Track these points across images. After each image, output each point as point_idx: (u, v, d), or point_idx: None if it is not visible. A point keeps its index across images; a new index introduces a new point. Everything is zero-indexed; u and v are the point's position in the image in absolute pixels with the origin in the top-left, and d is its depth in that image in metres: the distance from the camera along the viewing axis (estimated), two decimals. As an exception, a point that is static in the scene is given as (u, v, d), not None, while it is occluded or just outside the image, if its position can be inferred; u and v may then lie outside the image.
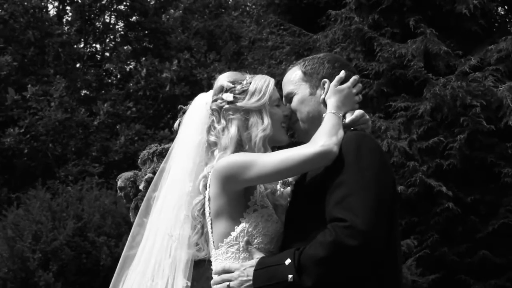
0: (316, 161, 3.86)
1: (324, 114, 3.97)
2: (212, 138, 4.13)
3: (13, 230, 12.87)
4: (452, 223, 13.24)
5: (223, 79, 4.20)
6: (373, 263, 3.63)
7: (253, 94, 4.09)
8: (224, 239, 3.96)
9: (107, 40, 26.27)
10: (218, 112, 4.12)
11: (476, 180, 13.53)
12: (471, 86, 13.17)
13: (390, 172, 3.92)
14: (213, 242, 4.03)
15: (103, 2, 25.00)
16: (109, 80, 25.61)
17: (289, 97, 4.15)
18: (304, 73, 4.14)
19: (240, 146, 4.07)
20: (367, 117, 4.12)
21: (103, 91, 24.36)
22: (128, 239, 4.45)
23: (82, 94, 24.04)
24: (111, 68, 25.72)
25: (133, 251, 4.40)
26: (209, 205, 4.03)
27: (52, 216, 12.93)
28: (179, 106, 4.71)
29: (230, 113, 4.09)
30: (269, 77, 4.21)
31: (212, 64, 23.80)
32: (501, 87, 13.29)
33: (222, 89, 4.13)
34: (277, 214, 4.09)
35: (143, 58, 24.23)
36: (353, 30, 14.00)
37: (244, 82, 4.14)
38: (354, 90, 4.09)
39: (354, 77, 4.09)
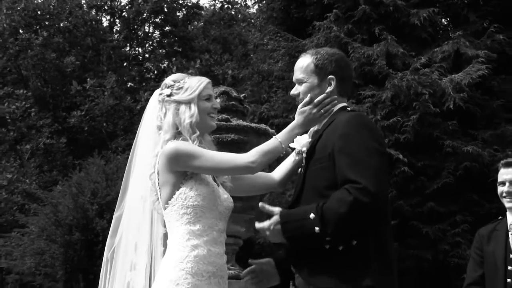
0: (240, 171, 3.97)
1: (273, 138, 3.96)
2: (158, 123, 4.13)
3: (76, 188, 12.89)
4: (407, 182, 13.24)
5: (168, 78, 4.22)
6: (379, 216, 3.61)
7: (186, 90, 4.07)
8: (169, 201, 3.93)
9: (147, 45, 26.20)
10: (162, 103, 4.12)
11: (425, 150, 13.51)
12: (421, 79, 13.14)
13: (384, 143, 3.87)
14: (162, 205, 4.01)
15: (144, 16, 24.92)
16: (148, 75, 25.56)
17: (300, 82, 4.08)
18: (316, 66, 3.98)
19: (176, 128, 4.06)
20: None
21: (143, 84, 24.33)
22: (117, 204, 4.47)
23: (128, 85, 24.00)
24: (150, 66, 25.68)
25: (118, 213, 4.40)
26: (157, 177, 4.00)
27: (105, 177, 12.96)
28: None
29: (167, 104, 4.09)
30: (204, 79, 4.20)
31: (225, 63, 23.75)
32: (444, 79, 13.26)
33: (165, 86, 4.14)
34: (224, 186, 4.12)
35: (174, 59, 24.20)
36: (333, 37, 13.96)
37: (182, 82, 4.13)
38: (315, 110, 3.97)
39: (318, 99, 3.96)
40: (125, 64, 24.83)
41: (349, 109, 3.94)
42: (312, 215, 3.61)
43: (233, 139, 7.38)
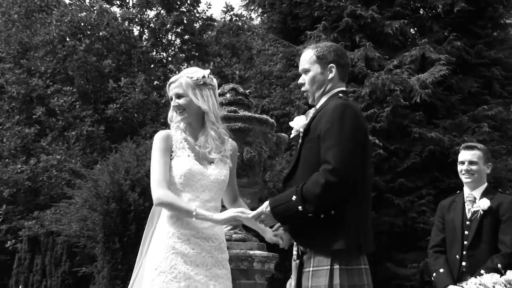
0: (151, 192, 3.83)
1: (193, 208, 3.79)
2: None
3: (112, 167, 12.85)
4: (382, 162, 13.23)
5: None
6: (347, 191, 3.60)
7: None
8: None
9: (170, 50, 26.14)
10: None
11: (396, 136, 13.51)
12: (394, 78, 13.13)
13: (363, 129, 3.76)
14: None
15: (167, 26, 24.86)
16: (171, 75, 25.46)
17: (305, 72, 4.00)
18: (317, 56, 3.87)
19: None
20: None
21: (167, 81, 24.29)
22: None
23: (155, 83, 23.95)
24: (172, 68, 25.64)
25: None
26: None
27: (136, 158, 12.91)
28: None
29: None
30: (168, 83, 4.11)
31: (234, 65, 23.71)
32: (412, 78, 13.24)
33: None
34: (223, 161, 4.00)
35: (192, 61, 24.18)
36: (321, 43, 13.92)
37: None
38: (234, 223, 3.95)
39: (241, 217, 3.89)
40: (152, 66, 24.80)
41: (340, 95, 3.88)
42: (294, 197, 3.59)
43: (240, 127, 7.37)
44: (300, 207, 3.58)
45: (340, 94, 3.87)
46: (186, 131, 4.01)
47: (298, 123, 3.93)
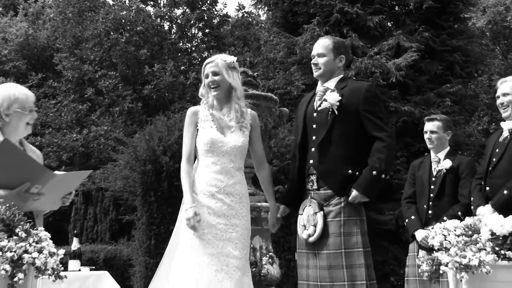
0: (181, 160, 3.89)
1: (188, 201, 3.81)
2: None
3: (148, 136, 12.84)
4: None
5: None
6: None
7: None
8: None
9: (193, 42, 25.99)
10: None
11: (376, 109, 13.43)
12: (374, 62, 13.01)
13: None
14: None
15: (191, 22, 24.74)
16: (195, 62, 25.42)
17: (321, 56, 3.97)
18: (334, 46, 3.93)
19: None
20: None
21: (191, 67, 24.25)
22: None
23: (181, 68, 23.88)
24: (196, 56, 25.55)
25: None
26: None
27: (167, 128, 12.86)
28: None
29: None
30: (205, 62, 4.07)
31: (245, 53, 23.60)
32: (389, 62, 13.14)
33: None
34: (225, 128, 3.92)
35: (211, 50, 24.06)
36: (315, 35, 13.79)
37: None
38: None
39: None
40: (179, 54, 24.72)
41: (354, 78, 4.06)
42: (374, 172, 3.70)
43: (249, 103, 7.35)
44: (383, 176, 3.74)
45: (354, 78, 4.05)
46: (213, 106, 3.99)
47: (334, 98, 3.87)
